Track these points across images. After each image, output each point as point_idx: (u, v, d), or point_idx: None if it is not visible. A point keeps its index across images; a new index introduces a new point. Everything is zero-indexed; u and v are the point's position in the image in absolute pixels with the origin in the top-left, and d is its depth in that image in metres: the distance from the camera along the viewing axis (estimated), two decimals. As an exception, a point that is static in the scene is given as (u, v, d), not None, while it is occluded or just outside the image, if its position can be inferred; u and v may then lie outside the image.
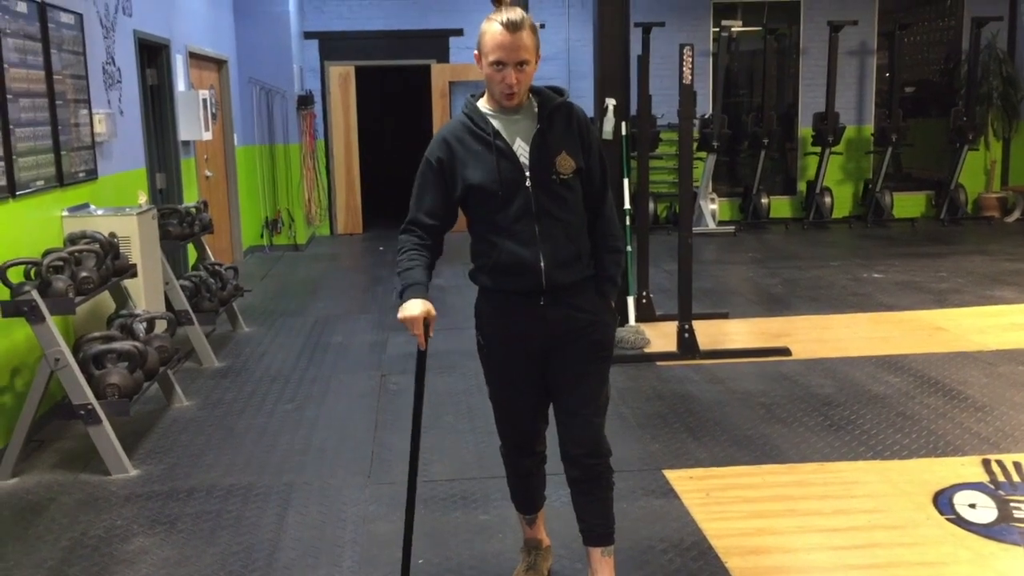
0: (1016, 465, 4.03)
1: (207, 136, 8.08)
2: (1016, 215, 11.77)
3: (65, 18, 5.26)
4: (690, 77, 5.51)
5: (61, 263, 4.21)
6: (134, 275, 4.96)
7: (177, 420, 4.90)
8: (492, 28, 2.61)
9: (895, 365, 5.61)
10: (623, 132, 6.17)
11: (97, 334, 4.42)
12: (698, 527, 3.51)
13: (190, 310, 5.83)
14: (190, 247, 7.10)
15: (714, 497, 3.80)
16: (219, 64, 9.65)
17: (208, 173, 8.90)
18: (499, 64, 2.61)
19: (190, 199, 7.72)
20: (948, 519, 3.54)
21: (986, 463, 4.07)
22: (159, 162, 7.47)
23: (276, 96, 10.60)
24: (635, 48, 10.20)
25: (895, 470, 4.04)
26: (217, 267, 6.57)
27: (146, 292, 5.26)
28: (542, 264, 2.68)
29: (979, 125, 11.61)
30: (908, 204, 12.09)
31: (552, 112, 2.73)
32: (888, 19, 12.01)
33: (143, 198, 5.49)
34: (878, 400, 4.98)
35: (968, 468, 4.03)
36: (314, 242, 11.42)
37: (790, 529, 3.49)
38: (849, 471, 4.04)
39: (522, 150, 2.69)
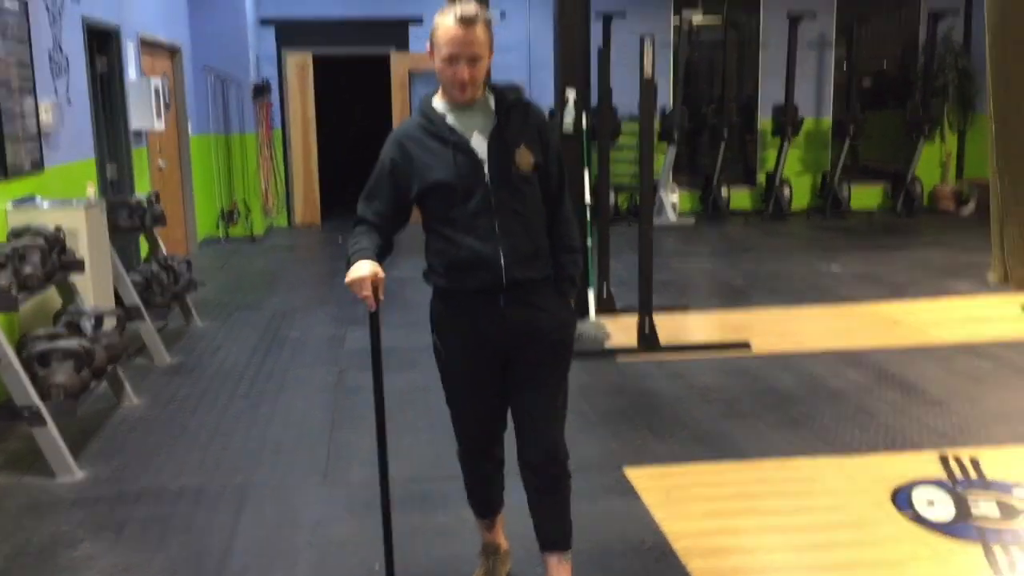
0: (973, 461, 4.05)
1: (159, 125, 7.90)
2: (971, 208, 11.90)
3: (8, 3, 5.08)
4: (651, 70, 5.47)
5: (3, 259, 4.07)
6: (82, 270, 4.81)
7: (126, 419, 4.77)
8: (445, 22, 2.56)
9: (854, 359, 5.63)
10: (583, 124, 6.12)
11: (42, 332, 4.29)
12: (659, 527, 3.48)
13: (141, 305, 5.69)
14: (143, 240, 6.94)
15: (674, 496, 3.77)
16: (172, 52, 9.44)
17: (161, 163, 8.72)
18: (452, 59, 2.56)
19: (142, 190, 7.55)
20: (907, 516, 3.54)
21: (943, 459, 4.08)
22: (110, 152, 7.29)
23: (231, 84, 10.41)
24: (596, 39, 10.19)
25: (854, 466, 4.04)
26: (170, 261, 6.42)
27: (95, 287, 5.11)
28: (502, 260, 2.62)
29: (935, 117, 11.72)
30: (865, 196, 12.19)
31: (509, 108, 2.69)
32: (847, 11, 12.07)
33: (91, 190, 5.33)
34: (838, 395, 4.98)
35: (926, 464, 4.04)
36: (271, 233, 11.25)
37: (751, 528, 3.47)
38: (809, 468, 4.04)
39: (480, 145, 2.64)
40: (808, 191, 12.32)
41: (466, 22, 2.53)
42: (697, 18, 11.35)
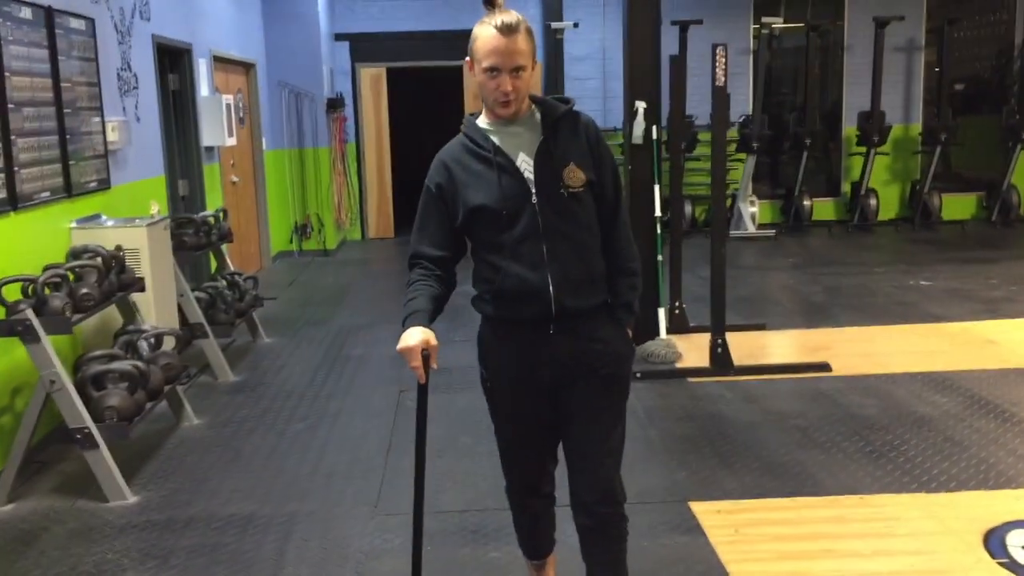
0: (1076, 500, 3.71)
1: (231, 141, 7.94)
2: (1073, 217, 11.25)
3: (75, 23, 5.11)
4: (723, 78, 5.23)
5: (59, 280, 4.05)
6: (142, 289, 4.79)
7: (185, 440, 4.73)
8: (485, 32, 2.41)
9: (943, 383, 5.27)
10: (654, 136, 5.91)
11: (98, 352, 4.26)
12: (725, 569, 3.24)
13: (205, 323, 5.66)
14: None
15: (743, 534, 3.52)
16: (247, 67, 9.52)
17: (235, 178, 8.77)
18: (493, 70, 2.41)
19: (213, 205, 7.58)
20: (1000, 563, 3.23)
21: (1043, 497, 3.75)
22: (181, 169, 7.34)
23: (305, 99, 10.46)
24: (672, 47, 9.94)
25: (942, 504, 3.73)
26: (236, 277, 6.40)
27: (157, 306, 5.09)
28: (551, 288, 2.44)
29: (1033, 123, 11.12)
30: (958, 206, 11.63)
31: (557, 121, 2.52)
32: (937, 14, 11.56)
33: (155, 208, 5.32)
34: (924, 423, 4.65)
35: (1023, 503, 3.71)
36: (344, 247, 11.27)
37: (826, 573, 3.21)
38: (892, 505, 3.74)
39: (526, 164, 2.48)
40: (896, 201, 11.83)
41: (508, 31, 2.38)
42: (778, 24, 10.98)
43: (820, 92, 11.71)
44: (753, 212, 11.14)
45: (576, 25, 10.82)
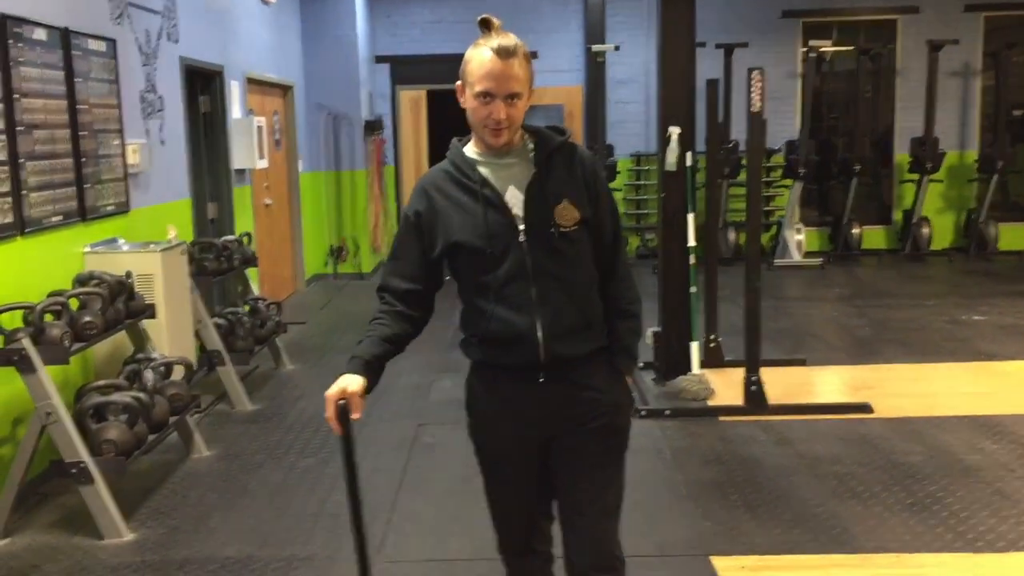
0: None
1: (262, 164, 7.86)
2: None
3: (94, 45, 5.04)
4: (759, 103, 4.98)
5: (59, 308, 3.93)
6: (153, 316, 4.67)
7: (191, 473, 4.58)
8: (480, 55, 2.24)
9: (994, 428, 4.94)
10: (688, 162, 5.67)
11: (100, 383, 4.13)
12: (744, 636, 2.98)
13: (223, 350, 5.54)
14: (252, 279, 6.86)
15: (767, 596, 3.26)
16: (284, 89, 9.47)
17: (268, 201, 8.70)
18: (486, 96, 2.23)
19: (243, 228, 7.48)
20: (1052, 638, 2.93)
21: (1101, 562, 3.43)
22: (210, 191, 7.26)
23: (343, 121, 10.39)
24: (717, 71, 9.70)
25: (990, 567, 3.43)
26: (258, 303, 6.28)
27: (170, 333, 4.97)
28: (539, 333, 2.26)
29: (1095, 151, 10.66)
30: (1016, 236, 11.16)
31: (552, 154, 2.33)
32: (994, 38, 11.16)
33: (172, 232, 5.22)
34: (972, 473, 4.33)
35: (1079, 568, 3.40)
36: (380, 270, 11.14)
37: (855, 644, 2.94)
38: (934, 566, 3.45)
39: (515, 199, 2.30)
40: (950, 230, 11.41)
41: (505, 54, 2.21)
42: (826, 47, 10.68)
43: (871, 117, 11.36)
44: (799, 240, 10.79)
45: (618, 48, 10.64)
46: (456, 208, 2.31)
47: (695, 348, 5.80)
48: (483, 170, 2.32)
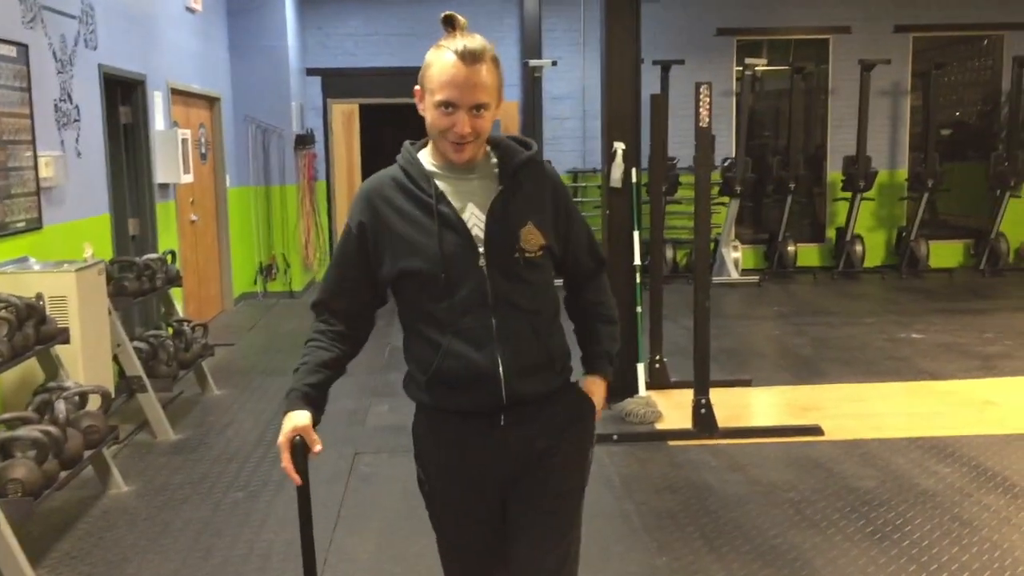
0: (1106, 596, 3.29)
1: (187, 178, 7.50)
2: (1062, 266, 10.97)
3: (3, 50, 4.68)
4: (707, 119, 4.86)
5: (-43, 335, 3.58)
6: (66, 341, 4.32)
7: (109, 511, 4.23)
8: (442, 58, 1.99)
9: (944, 451, 4.86)
10: (633, 179, 5.53)
11: (7, 416, 3.78)
12: None
13: (143, 376, 5.19)
14: (177, 299, 6.49)
15: (732, 637, 3.08)
16: (211, 101, 9.10)
17: (193, 217, 8.32)
18: (448, 106, 1.99)
19: (167, 246, 7.12)
20: (1028, 677, 2.80)
21: (1067, 592, 3.33)
22: (132, 207, 6.89)
23: (273, 135, 10.04)
24: (653, 88, 9.62)
25: (955, 600, 3.30)
26: (183, 324, 5.94)
27: (86, 359, 4.61)
28: (501, 371, 2.02)
29: (1021, 170, 10.84)
30: (945, 253, 11.32)
31: (517, 170, 2.10)
32: (923, 58, 11.34)
33: (88, 251, 4.87)
34: (928, 498, 4.23)
35: (1045, 598, 3.29)
36: (312, 288, 10.79)
37: None
38: (898, 600, 3.31)
39: (475, 219, 2.05)
40: (882, 247, 11.52)
41: (470, 59, 1.97)
42: (761, 65, 10.71)
43: (804, 135, 11.43)
44: (736, 257, 10.78)
45: (555, 63, 10.52)
46: (406, 224, 2.05)
47: (641, 369, 5.65)
48: (440, 183, 2.07)
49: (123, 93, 6.75)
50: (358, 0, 11.02)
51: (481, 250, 2.03)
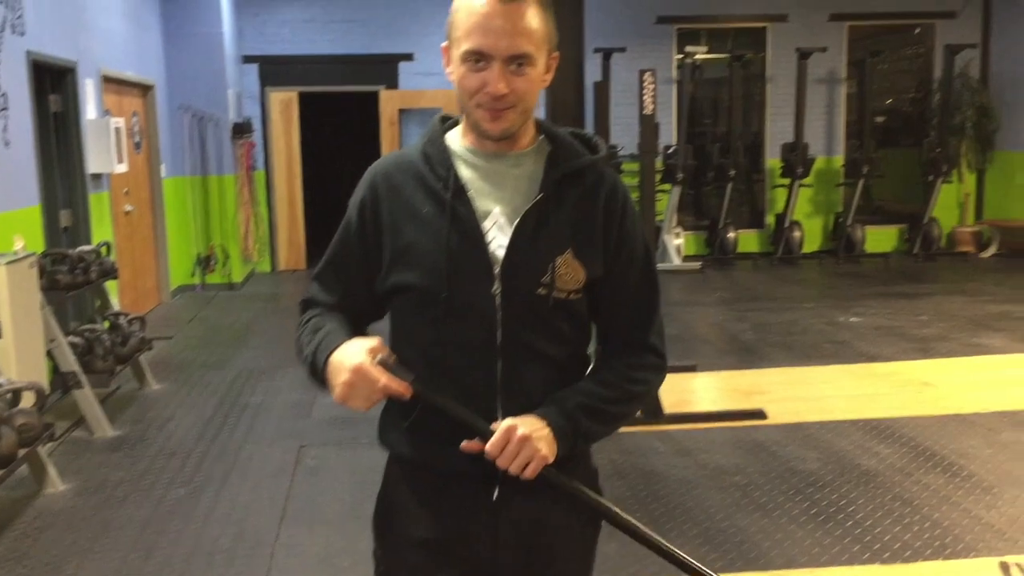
0: (1042, 570, 3.38)
1: (120, 168, 7.31)
2: (992, 250, 11.27)
3: (-76, 34, 4.50)
4: (652, 106, 4.87)
5: None
6: (-3, 337, 4.18)
7: (44, 512, 4.10)
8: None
9: (884, 431, 4.96)
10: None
11: (-65, 415, 3.64)
12: (664, 669, 2.80)
13: (79, 371, 5.04)
14: (112, 292, 6.31)
15: (683, 622, 3.09)
16: (144, 89, 8.88)
17: (128, 208, 8.12)
18: (478, 57, 1.53)
19: (101, 237, 6.93)
20: (971, 652, 2.87)
21: (1005, 568, 3.41)
22: (63, 198, 6.69)
23: (210, 124, 9.84)
24: (595, 76, 9.64)
25: (899, 578, 3.37)
26: (119, 318, 5.79)
27: (18, 355, 4.47)
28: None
29: (952, 156, 11.12)
30: (880, 238, 11.56)
31: (569, 177, 1.61)
32: (858, 47, 11.53)
33: (19, 243, 4.72)
34: (870, 478, 4.31)
35: (984, 574, 3.36)
36: (252, 280, 10.64)
37: (778, 671, 2.80)
38: (844, 580, 3.37)
39: (499, 230, 1.59)
40: (820, 233, 11.72)
41: None
42: (701, 53, 10.79)
43: (743, 123, 11.57)
44: (678, 244, 10.87)
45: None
46: (409, 222, 1.60)
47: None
48: (465, 172, 1.61)
49: (53, 81, 6.54)
50: (295, -14, 10.85)
51: (496, 271, 1.56)
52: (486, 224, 1.58)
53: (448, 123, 1.70)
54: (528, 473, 1.52)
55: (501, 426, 1.52)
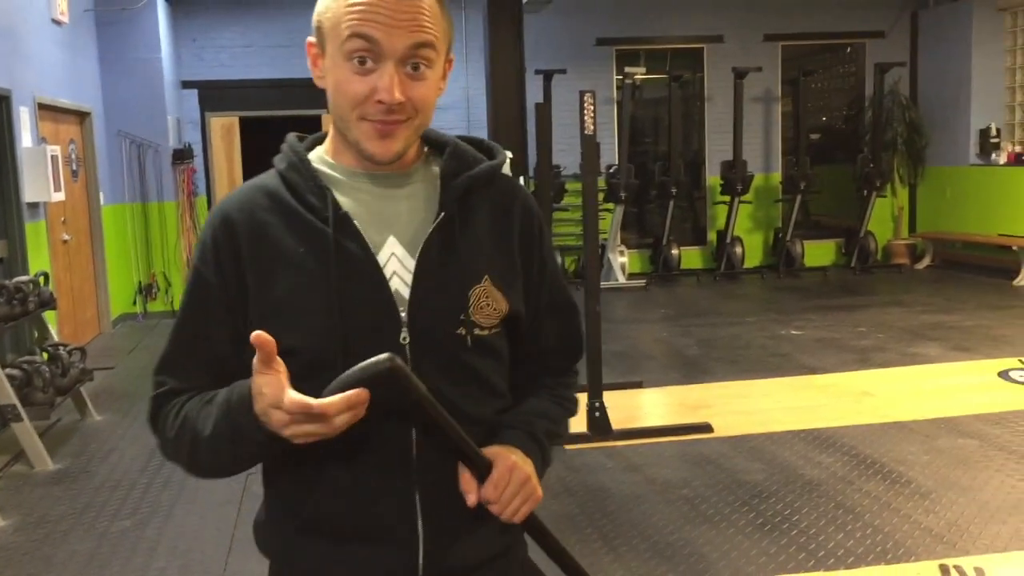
0: (978, 572, 3.48)
1: (57, 197, 7.19)
2: (926, 262, 11.59)
3: None
4: (592, 127, 4.94)
5: None
6: (-68, 371, 4.09)
7: (-17, 549, 4.02)
8: None
9: (826, 441, 5.06)
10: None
11: None
12: None
13: (18, 404, 4.94)
14: (51, 322, 6.19)
15: (634, 635, 3.13)
16: (81, 116, 8.76)
17: (66, 237, 7.99)
18: (363, 56, 1.22)
19: (38, 267, 6.80)
20: (913, 653, 2.94)
21: (944, 570, 3.51)
22: (-1, 228, 6.57)
23: (149, 150, 9.73)
24: (536, 97, 9.73)
25: (843, 584, 3.44)
26: (59, 349, 5.68)
27: (-46, 389, 4.37)
28: (419, 523, 1.29)
29: (885, 171, 11.42)
30: (819, 252, 11.81)
31: (471, 188, 1.33)
32: (791, 66, 11.81)
33: (-47, 275, 4.62)
34: (813, 488, 4.40)
35: (925, 577, 3.46)
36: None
37: None
38: (790, 588, 3.43)
39: (398, 263, 1.28)
40: (760, 248, 11.93)
41: None
42: (640, 74, 10.97)
43: (683, 141, 11.77)
44: (623, 262, 10.99)
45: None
46: (282, 268, 1.26)
47: (535, 376, 5.69)
48: (343, 199, 1.28)
49: (-14, 109, 6.44)
50: (233, 11, 10.78)
51: (403, 316, 1.25)
52: (381, 256, 1.27)
53: (306, 142, 1.39)
54: (518, 518, 1.28)
55: (499, 462, 1.25)
